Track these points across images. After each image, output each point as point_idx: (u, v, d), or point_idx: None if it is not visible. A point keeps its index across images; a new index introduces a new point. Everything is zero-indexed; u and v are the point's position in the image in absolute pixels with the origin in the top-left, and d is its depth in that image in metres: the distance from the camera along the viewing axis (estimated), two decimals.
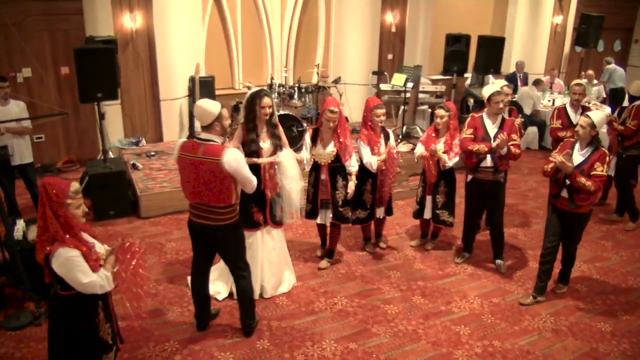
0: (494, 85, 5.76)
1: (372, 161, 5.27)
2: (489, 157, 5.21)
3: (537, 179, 8.30)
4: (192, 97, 8.47)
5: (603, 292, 5.30)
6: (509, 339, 4.50)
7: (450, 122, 5.39)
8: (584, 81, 6.61)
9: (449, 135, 5.39)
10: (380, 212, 5.66)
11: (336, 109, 4.97)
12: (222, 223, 4.06)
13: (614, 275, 5.62)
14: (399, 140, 5.40)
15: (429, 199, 5.69)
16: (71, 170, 8.27)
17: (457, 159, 5.41)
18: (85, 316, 3.12)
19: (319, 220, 5.38)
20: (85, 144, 8.50)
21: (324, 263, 5.58)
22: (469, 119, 5.44)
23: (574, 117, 5.95)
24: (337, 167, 5.20)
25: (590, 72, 10.98)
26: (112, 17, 7.82)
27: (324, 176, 5.20)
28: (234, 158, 3.83)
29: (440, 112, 5.38)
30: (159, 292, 5.03)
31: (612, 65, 11.16)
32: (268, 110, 4.58)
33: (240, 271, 4.30)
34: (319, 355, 4.23)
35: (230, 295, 4.94)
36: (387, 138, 5.45)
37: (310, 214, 5.39)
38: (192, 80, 8.42)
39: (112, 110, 8.09)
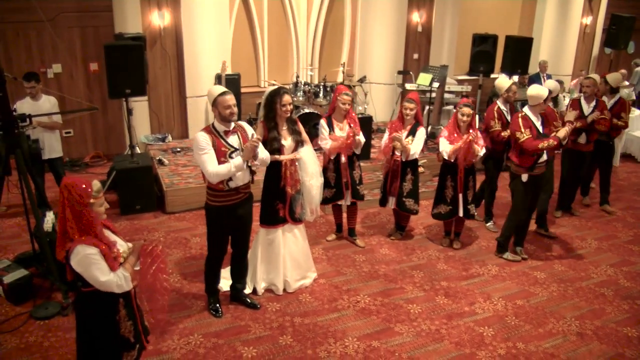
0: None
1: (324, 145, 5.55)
2: (545, 152, 5.37)
3: None
4: None
5: (630, 296, 5.22)
6: (533, 341, 4.46)
7: (472, 119, 5.49)
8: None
9: (472, 129, 5.45)
10: (347, 198, 5.71)
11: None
12: (206, 201, 4.41)
13: None
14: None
15: (460, 197, 5.69)
16: (98, 165, 8.43)
17: (484, 150, 5.51)
18: (105, 313, 3.12)
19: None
20: (113, 140, 8.65)
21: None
22: (520, 120, 5.31)
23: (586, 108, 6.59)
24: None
25: (623, 71, 10.75)
26: (141, 15, 7.94)
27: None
28: (194, 140, 4.15)
29: (466, 109, 5.41)
30: (183, 286, 5.10)
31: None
32: (289, 108, 4.66)
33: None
34: (342, 352, 4.24)
35: (254, 291, 5.00)
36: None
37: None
38: (218, 77, 8.49)
39: (139, 107, 8.21)
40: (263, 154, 4.34)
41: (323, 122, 5.55)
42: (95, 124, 8.52)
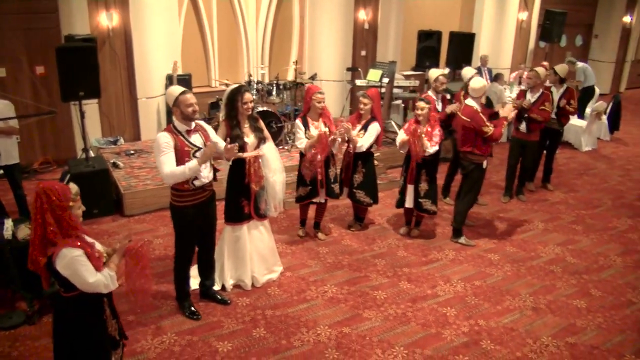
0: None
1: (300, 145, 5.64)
2: None
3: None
4: None
5: (577, 272, 5.62)
6: (493, 318, 4.75)
7: (430, 113, 5.65)
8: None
9: (430, 126, 5.65)
10: (321, 195, 5.85)
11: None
12: (170, 201, 4.40)
13: (586, 257, 5.95)
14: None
15: (410, 188, 5.92)
16: (48, 171, 8.20)
17: (436, 147, 5.69)
18: (93, 315, 3.12)
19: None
20: (62, 145, 8.42)
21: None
22: (481, 115, 5.61)
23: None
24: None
25: (545, 63, 11.28)
26: (89, 16, 7.78)
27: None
28: (155, 140, 4.15)
29: (421, 104, 5.65)
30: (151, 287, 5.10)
31: (581, 64, 11.40)
32: (250, 105, 4.75)
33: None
34: (315, 340, 4.39)
35: (223, 288, 5.06)
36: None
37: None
38: (169, 78, 8.44)
39: (89, 110, 8.00)
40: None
41: (299, 121, 5.64)
42: (43, 129, 8.26)
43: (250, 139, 4.82)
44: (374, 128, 5.80)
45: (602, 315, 4.86)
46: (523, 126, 6.94)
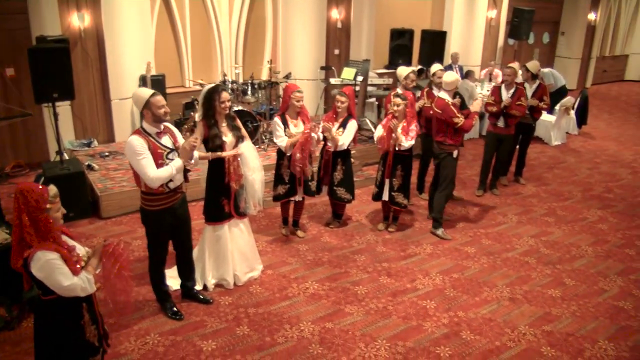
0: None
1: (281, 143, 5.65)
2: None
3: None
4: None
5: (550, 262, 5.79)
6: (472, 309, 4.87)
7: (407, 110, 5.73)
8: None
9: (406, 121, 5.75)
10: (299, 194, 5.91)
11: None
12: (141, 205, 4.37)
13: (559, 247, 6.13)
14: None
15: (387, 182, 6.03)
16: (21, 175, 8.05)
17: (412, 142, 5.78)
18: (70, 319, 3.09)
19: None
20: (34, 148, 8.28)
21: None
22: (452, 107, 5.86)
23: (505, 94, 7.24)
24: None
25: (516, 63, 11.51)
26: (60, 16, 7.66)
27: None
28: (128, 146, 4.08)
29: (396, 100, 5.75)
30: (132, 288, 5.06)
31: (547, 69, 11.52)
32: (227, 104, 4.75)
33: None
34: (299, 336, 4.43)
35: (205, 288, 5.06)
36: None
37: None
38: (142, 79, 8.36)
39: (62, 112, 7.88)
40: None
41: (277, 119, 5.66)
42: (14, 132, 8.11)
43: (228, 138, 4.83)
44: (352, 125, 5.87)
45: (576, 304, 5.03)
46: (501, 122, 7.14)
